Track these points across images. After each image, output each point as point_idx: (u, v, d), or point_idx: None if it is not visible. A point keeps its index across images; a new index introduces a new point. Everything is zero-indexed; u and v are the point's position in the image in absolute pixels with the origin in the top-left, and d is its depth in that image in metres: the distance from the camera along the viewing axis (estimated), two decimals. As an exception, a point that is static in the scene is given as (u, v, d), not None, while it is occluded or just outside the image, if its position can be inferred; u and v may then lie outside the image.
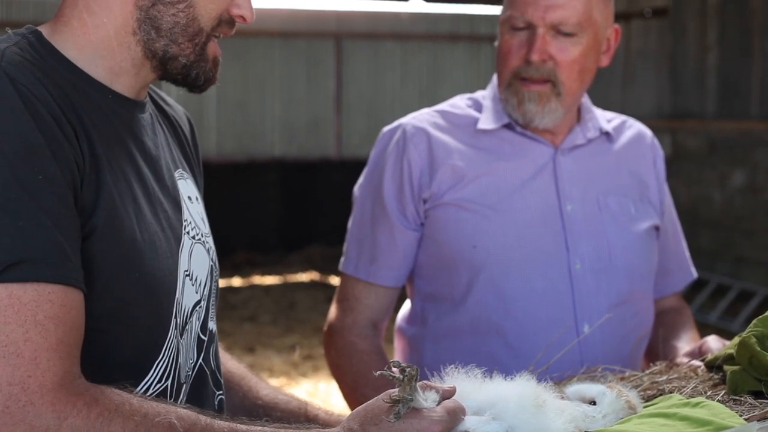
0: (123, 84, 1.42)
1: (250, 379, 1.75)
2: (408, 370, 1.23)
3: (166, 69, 1.44)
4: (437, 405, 1.25)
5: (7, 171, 1.21)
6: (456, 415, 1.25)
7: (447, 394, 1.28)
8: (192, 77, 1.45)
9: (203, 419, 1.23)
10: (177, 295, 1.42)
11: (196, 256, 1.49)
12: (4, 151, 1.21)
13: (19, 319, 1.18)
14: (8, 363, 1.17)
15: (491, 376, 1.37)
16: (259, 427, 1.26)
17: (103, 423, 1.19)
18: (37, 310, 1.19)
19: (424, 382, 1.29)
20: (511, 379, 1.37)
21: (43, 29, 1.40)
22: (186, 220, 1.48)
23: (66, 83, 1.34)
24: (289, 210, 11.98)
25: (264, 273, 10.63)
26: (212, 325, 1.55)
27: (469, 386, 1.35)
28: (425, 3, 12.22)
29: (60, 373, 1.19)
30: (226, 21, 1.45)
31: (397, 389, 1.24)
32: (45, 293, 1.20)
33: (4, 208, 1.19)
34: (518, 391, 1.33)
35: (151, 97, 1.55)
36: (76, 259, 1.25)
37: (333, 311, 2.14)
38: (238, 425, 1.25)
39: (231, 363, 1.76)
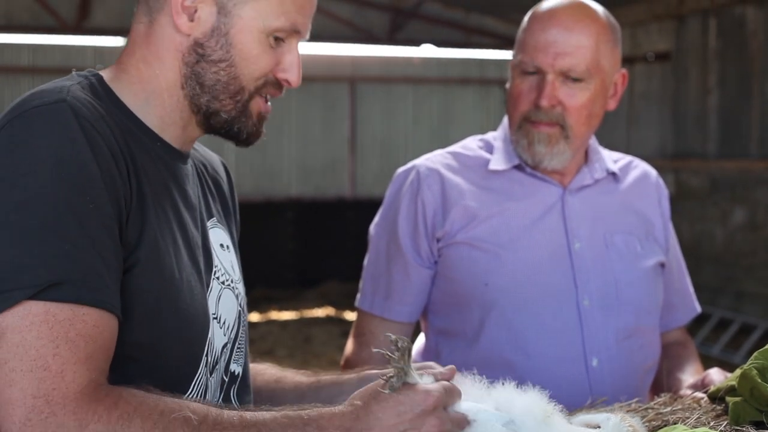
0: (171, 134, 1.48)
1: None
2: (400, 342, 1.26)
3: (210, 124, 1.49)
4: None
5: (62, 196, 1.26)
6: (451, 391, 1.30)
7: (443, 377, 1.32)
8: (234, 131, 1.50)
9: (213, 411, 1.26)
10: (209, 335, 1.46)
11: (224, 301, 1.53)
12: (62, 177, 1.27)
13: (51, 335, 1.22)
14: (35, 376, 1.20)
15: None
16: (265, 412, 1.28)
17: (124, 426, 1.21)
18: (69, 328, 1.23)
19: (421, 364, 1.32)
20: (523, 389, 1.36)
21: (104, 74, 1.46)
22: (216, 266, 1.53)
23: (121, 125, 1.40)
24: (305, 248, 12.03)
25: (281, 308, 10.66)
26: (234, 367, 1.57)
27: (476, 391, 1.36)
28: (436, 48, 12.36)
29: (84, 383, 1.22)
30: (272, 83, 1.50)
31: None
32: (80, 313, 1.24)
33: (54, 230, 1.24)
34: (528, 399, 1.34)
35: (193, 149, 1.60)
36: (115, 287, 1.29)
37: (349, 346, 2.19)
38: (244, 413, 1.27)
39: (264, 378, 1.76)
